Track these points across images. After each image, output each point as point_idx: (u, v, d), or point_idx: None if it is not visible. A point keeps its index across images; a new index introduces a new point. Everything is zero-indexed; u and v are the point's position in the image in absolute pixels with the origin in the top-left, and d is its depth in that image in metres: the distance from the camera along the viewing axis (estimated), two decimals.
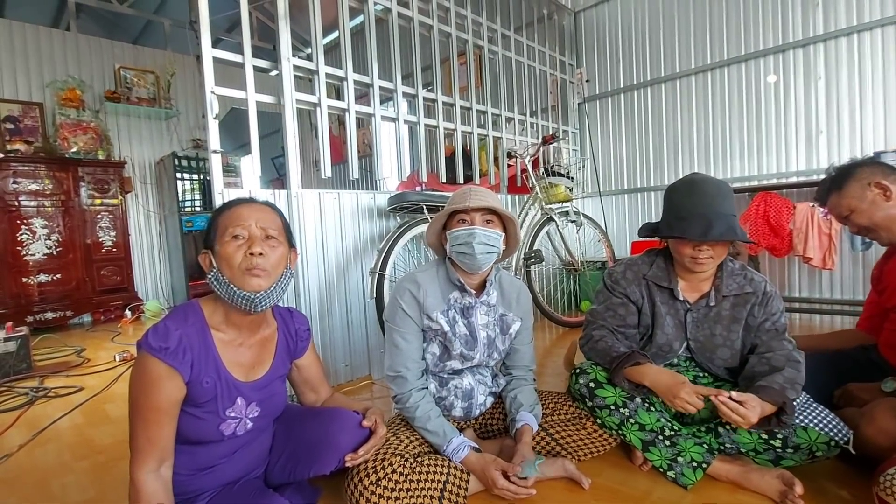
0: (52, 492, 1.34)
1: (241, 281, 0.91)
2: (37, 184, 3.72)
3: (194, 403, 0.91)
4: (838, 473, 1.20)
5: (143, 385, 0.85)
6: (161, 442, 0.86)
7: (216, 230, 0.95)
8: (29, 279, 3.65)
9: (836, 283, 2.86)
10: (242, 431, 0.98)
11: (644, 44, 3.56)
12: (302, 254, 1.99)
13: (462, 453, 1.17)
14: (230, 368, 0.95)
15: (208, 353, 0.92)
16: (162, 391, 0.85)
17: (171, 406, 0.87)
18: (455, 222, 1.27)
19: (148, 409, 0.85)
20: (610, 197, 3.83)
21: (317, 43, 2.04)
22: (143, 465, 0.84)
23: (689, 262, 1.24)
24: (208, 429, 0.93)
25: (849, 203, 1.29)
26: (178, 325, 0.89)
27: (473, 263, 1.24)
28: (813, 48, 2.85)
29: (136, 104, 4.45)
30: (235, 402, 0.95)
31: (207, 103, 1.70)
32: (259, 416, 1.00)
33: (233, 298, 0.92)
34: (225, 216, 0.95)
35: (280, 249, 0.97)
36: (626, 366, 1.21)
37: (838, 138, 2.81)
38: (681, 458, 1.21)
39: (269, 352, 1.05)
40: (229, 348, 0.96)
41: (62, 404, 2.07)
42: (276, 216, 1.01)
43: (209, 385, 0.91)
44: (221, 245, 0.92)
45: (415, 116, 2.51)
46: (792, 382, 1.11)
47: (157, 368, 0.85)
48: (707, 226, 1.15)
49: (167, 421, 0.87)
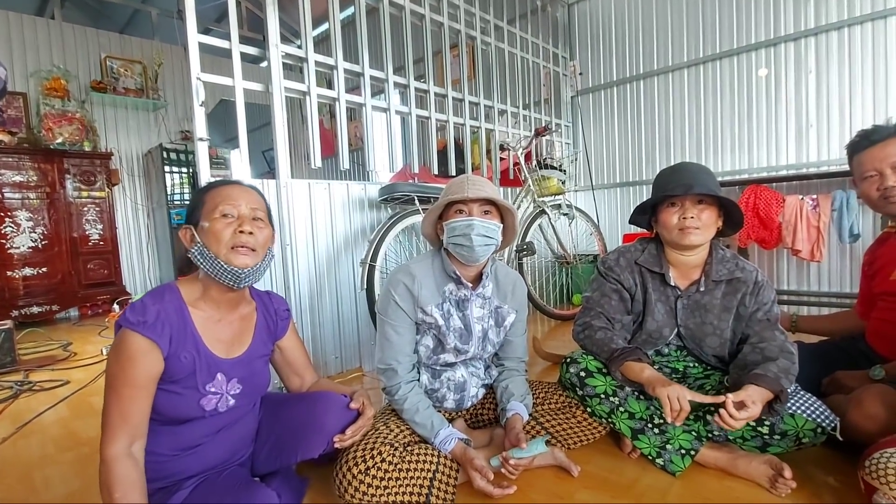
0: (35, 484, 1.32)
1: (229, 257, 0.94)
2: (21, 175, 3.64)
3: (173, 379, 0.91)
4: (824, 460, 1.21)
5: (121, 360, 0.86)
6: (134, 418, 0.86)
7: (203, 206, 0.97)
8: (13, 273, 3.59)
9: (825, 276, 2.88)
10: (225, 408, 0.98)
11: (637, 37, 3.55)
12: (292, 245, 1.96)
13: (449, 445, 1.16)
14: (209, 344, 0.96)
15: (186, 329, 0.93)
16: (139, 365, 0.86)
17: (148, 381, 0.88)
18: (452, 213, 1.24)
19: (124, 384, 0.86)
20: (602, 190, 3.84)
21: (306, 30, 2.01)
22: (114, 442, 0.84)
23: (677, 234, 1.24)
24: (188, 404, 0.93)
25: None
26: (155, 301, 0.91)
27: (471, 255, 1.22)
28: (804, 42, 2.86)
29: (123, 95, 4.38)
30: (215, 377, 0.96)
31: (193, 90, 1.67)
32: (241, 394, 1.00)
33: (217, 273, 0.94)
34: (214, 193, 0.98)
35: (266, 231, 1.01)
36: (629, 359, 1.19)
37: (828, 132, 2.83)
38: (669, 446, 1.21)
39: (249, 330, 1.06)
40: (208, 324, 0.98)
41: (47, 398, 2.04)
42: (262, 200, 1.04)
43: (187, 360, 0.92)
44: (211, 221, 0.94)
45: (406, 107, 2.49)
46: (786, 372, 1.11)
47: (136, 342, 0.86)
48: (689, 186, 1.20)
49: (142, 396, 0.87)
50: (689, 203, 1.23)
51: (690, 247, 1.25)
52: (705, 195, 1.22)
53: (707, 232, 1.23)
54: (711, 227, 1.24)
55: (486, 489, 1.10)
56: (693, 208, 1.22)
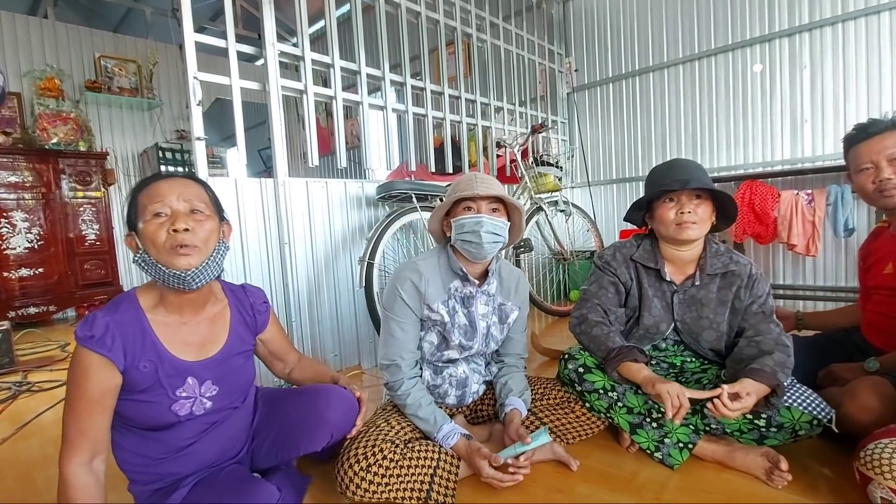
0: (37, 484, 1.32)
1: (169, 260, 0.86)
2: (16, 176, 3.62)
3: (138, 390, 0.88)
4: (820, 452, 1.23)
5: (73, 375, 0.84)
6: (92, 433, 0.84)
7: (136, 209, 0.89)
8: (10, 273, 3.57)
9: (819, 270, 2.91)
10: (202, 411, 0.95)
11: (632, 33, 3.56)
12: (290, 243, 1.96)
13: (452, 440, 1.17)
14: (174, 350, 0.92)
15: (145, 338, 0.89)
16: (90, 380, 0.83)
17: (103, 396, 0.85)
18: (461, 210, 1.25)
19: (78, 399, 0.83)
20: (599, 187, 3.85)
21: (302, 28, 2.01)
22: (73, 457, 0.82)
23: (674, 229, 1.25)
24: (159, 411, 0.90)
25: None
26: (106, 314, 0.87)
27: (479, 252, 1.23)
28: (798, 37, 2.87)
29: (118, 94, 4.35)
30: (185, 381, 0.93)
31: (190, 89, 1.66)
32: (218, 395, 0.97)
33: (163, 278, 0.88)
34: (144, 194, 0.89)
35: (208, 223, 0.91)
36: (626, 360, 1.19)
37: (822, 127, 2.84)
38: (667, 440, 1.22)
39: (223, 328, 1.01)
40: (170, 330, 0.93)
41: (46, 398, 2.03)
42: (201, 188, 0.95)
43: (147, 369, 0.88)
44: (144, 224, 0.87)
45: (403, 105, 2.49)
46: (782, 366, 1.12)
47: (86, 358, 0.83)
48: (686, 181, 1.22)
49: (99, 411, 0.85)
50: (685, 198, 1.24)
51: (687, 241, 1.26)
52: (701, 190, 1.23)
53: (703, 226, 1.25)
54: (707, 222, 1.26)
55: (494, 476, 1.11)
56: (690, 203, 1.23)
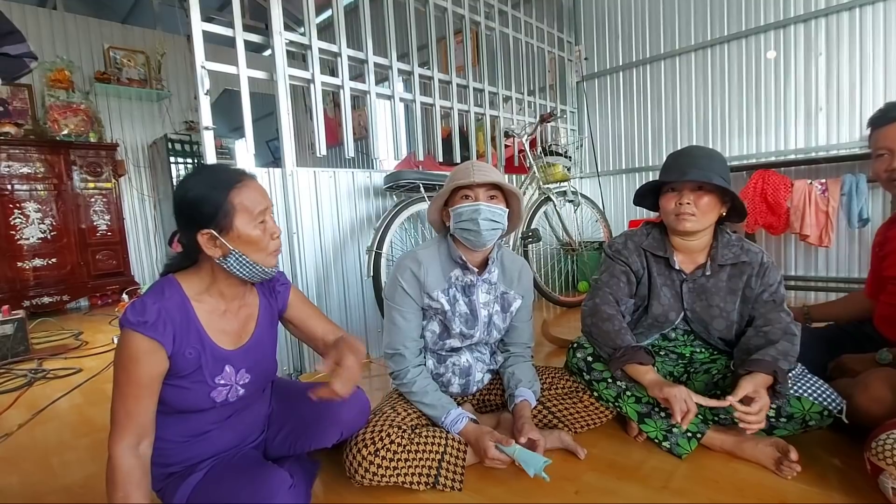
0: (54, 468, 1.35)
1: (267, 261, 0.96)
2: (28, 167, 3.67)
3: (180, 375, 0.91)
4: (830, 442, 1.22)
5: (124, 360, 0.86)
6: (139, 417, 0.86)
7: (225, 208, 0.89)
8: (24, 263, 3.63)
9: (833, 261, 2.86)
10: (235, 398, 0.99)
11: (643, 20, 3.50)
12: (298, 233, 1.98)
13: (460, 424, 1.18)
14: (215, 337, 0.95)
15: (190, 324, 0.92)
16: (142, 365, 0.85)
17: (151, 381, 0.87)
18: (458, 198, 1.24)
19: (127, 384, 0.85)
20: (608, 177, 3.81)
21: (309, 17, 1.99)
22: (121, 441, 0.84)
23: (673, 219, 1.24)
24: (198, 397, 0.93)
25: None
26: (156, 300, 0.89)
27: (478, 240, 1.23)
28: (814, 23, 2.80)
29: (127, 85, 4.38)
30: (224, 370, 0.96)
31: (198, 79, 1.66)
32: (250, 383, 1.01)
33: (251, 275, 0.95)
34: (238, 195, 0.90)
35: None
36: (632, 361, 1.19)
37: (838, 115, 2.78)
38: (675, 429, 1.22)
39: (253, 316, 1.05)
40: (213, 317, 0.96)
41: (61, 385, 2.08)
42: None
43: (192, 356, 0.91)
44: (243, 227, 0.90)
45: (411, 94, 2.47)
46: (785, 354, 1.12)
47: (138, 343, 0.85)
48: (684, 172, 1.20)
49: (146, 395, 0.87)
50: (686, 189, 1.22)
51: (686, 232, 1.25)
52: (702, 182, 1.20)
53: (704, 218, 1.22)
54: (710, 214, 1.23)
55: (498, 458, 1.11)
56: (690, 194, 1.21)
